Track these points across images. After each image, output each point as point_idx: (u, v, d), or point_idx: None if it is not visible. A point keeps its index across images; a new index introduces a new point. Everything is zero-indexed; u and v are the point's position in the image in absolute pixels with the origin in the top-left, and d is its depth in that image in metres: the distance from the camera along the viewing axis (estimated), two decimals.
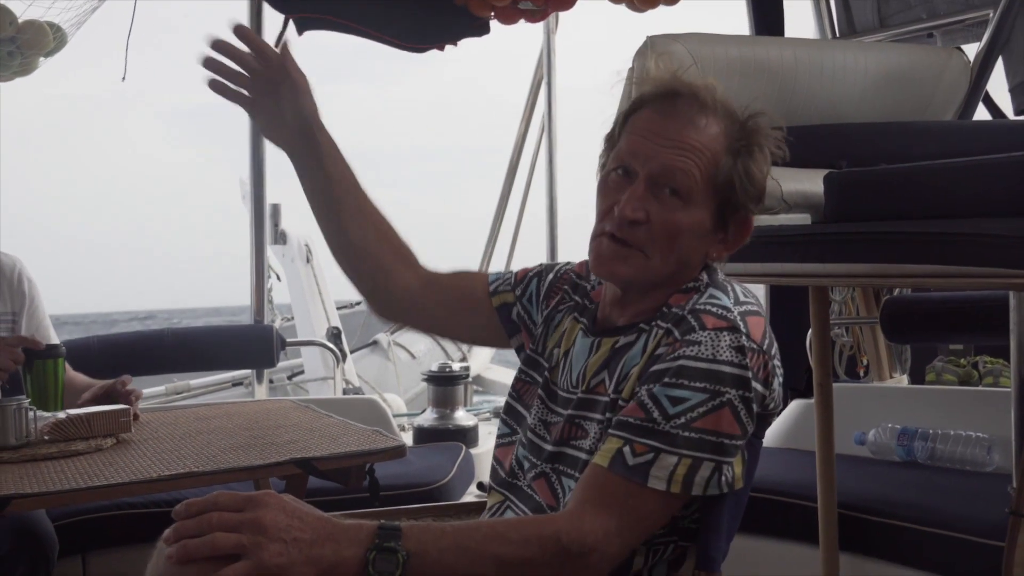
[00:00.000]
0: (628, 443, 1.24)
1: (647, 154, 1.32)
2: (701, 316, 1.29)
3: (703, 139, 1.32)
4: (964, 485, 2.45)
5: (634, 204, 1.31)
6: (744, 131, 1.35)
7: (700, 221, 1.34)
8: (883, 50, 2.58)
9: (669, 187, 1.32)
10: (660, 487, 1.22)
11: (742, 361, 1.25)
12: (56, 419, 2.04)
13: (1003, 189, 1.58)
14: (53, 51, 3.10)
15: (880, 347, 3.43)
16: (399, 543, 1.12)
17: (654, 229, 1.32)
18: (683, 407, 1.23)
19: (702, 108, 1.33)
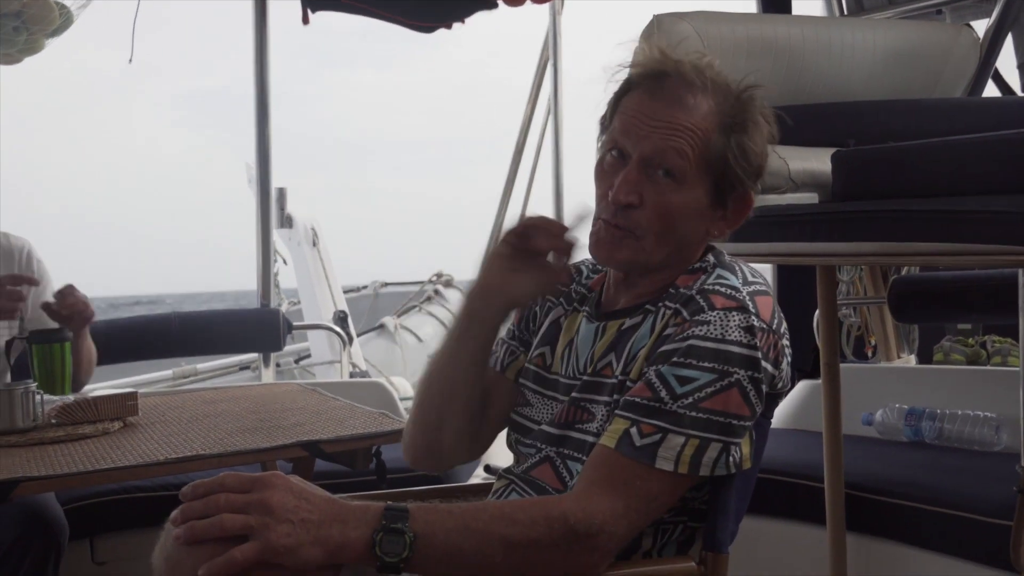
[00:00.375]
0: (635, 423, 1.23)
1: (638, 135, 1.31)
2: (710, 296, 1.28)
3: (693, 118, 1.30)
4: (972, 465, 2.44)
5: (627, 188, 1.30)
6: (737, 106, 1.33)
7: (696, 200, 1.33)
8: (892, 27, 2.56)
9: (662, 168, 1.30)
10: (668, 467, 1.22)
11: (751, 341, 1.24)
12: (63, 403, 2.05)
13: (1012, 166, 1.57)
14: (59, 30, 3.09)
15: (888, 327, 3.41)
16: (406, 524, 1.12)
17: (649, 212, 1.31)
18: (691, 387, 1.22)
19: (690, 86, 1.31)
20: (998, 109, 2.29)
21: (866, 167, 1.81)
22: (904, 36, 2.42)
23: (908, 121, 2.16)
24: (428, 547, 1.12)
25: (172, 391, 3.63)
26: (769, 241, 1.92)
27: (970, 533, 2.09)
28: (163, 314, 3.76)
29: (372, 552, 1.11)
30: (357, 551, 1.11)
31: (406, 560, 1.11)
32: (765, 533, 2.46)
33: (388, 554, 1.11)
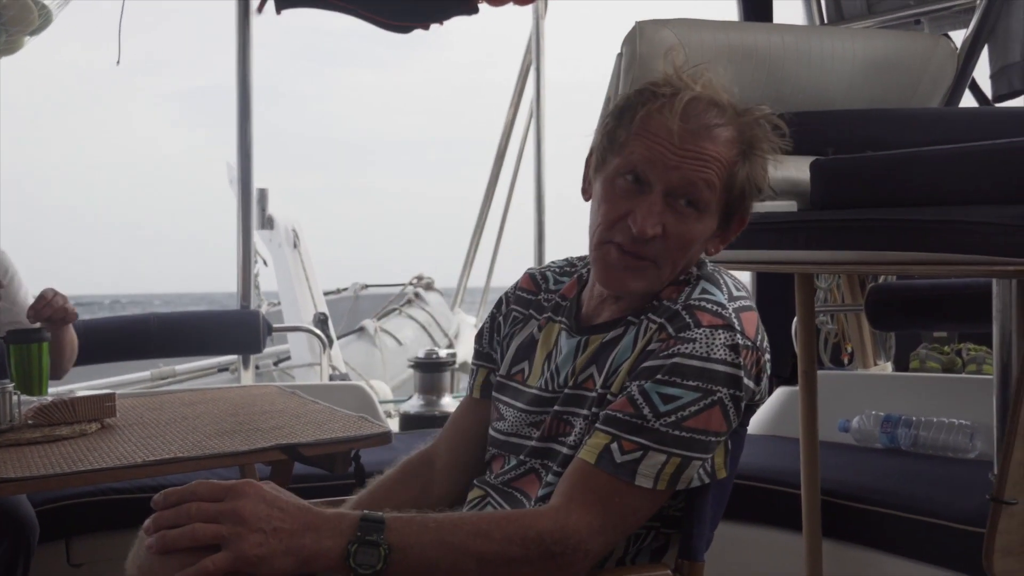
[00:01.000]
0: (616, 439, 1.22)
1: (666, 164, 1.26)
2: (696, 313, 1.27)
3: (720, 148, 1.27)
4: (946, 472, 2.46)
5: (653, 221, 1.26)
6: (753, 132, 1.31)
7: (710, 228, 1.32)
8: (870, 37, 2.58)
9: (686, 198, 1.28)
10: (647, 485, 1.21)
11: (736, 360, 1.24)
12: (40, 404, 2.04)
13: (987, 177, 1.59)
14: (38, 29, 3.08)
15: (865, 334, 3.44)
16: (381, 536, 1.11)
17: (669, 242, 1.29)
18: (675, 405, 1.22)
19: (720, 114, 1.28)
20: (975, 120, 2.31)
21: (844, 176, 1.83)
22: (883, 46, 2.44)
23: (887, 130, 2.17)
24: (403, 560, 1.12)
25: (150, 392, 3.62)
26: (748, 249, 1.93)
27: (944, 540, 2.11)
28: (142, 315, 3.74)
29: (346, 563, 1.10)
30: (330, 561, 1.11)
31: (380, 572, 1.11)
32: (742, 539, 2.47)
33: (362, 566, 1.10)
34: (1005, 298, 1.63)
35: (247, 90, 3.82)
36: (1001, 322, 1.65)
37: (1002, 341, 1.65)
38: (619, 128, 1.31)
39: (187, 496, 1.12)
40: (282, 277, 5.75)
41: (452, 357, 4.12)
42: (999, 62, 2.72)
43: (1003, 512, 1.45)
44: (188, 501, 1.12)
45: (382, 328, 7.08)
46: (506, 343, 1.51)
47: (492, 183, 6.34)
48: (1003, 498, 1.44)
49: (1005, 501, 1.44)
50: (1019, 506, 1.45)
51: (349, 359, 6.11)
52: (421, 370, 4.00)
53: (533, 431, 1.40)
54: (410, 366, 4.17)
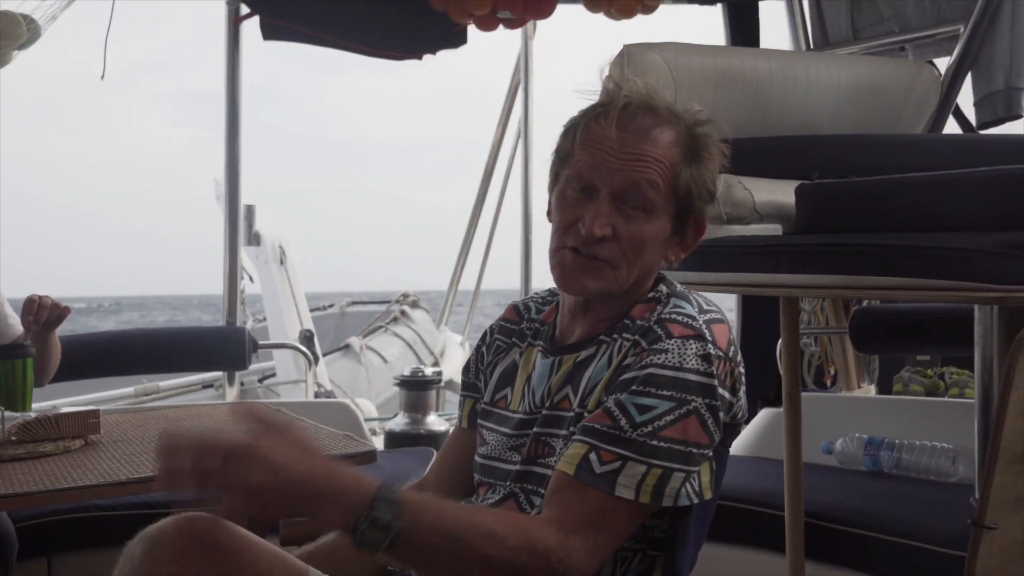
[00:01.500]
0: (594, 449, 1.23)
1: (608, 168, 1.32)
2: (667, 325, 1.30)
3: (660, 149, 1.32)
4: (929, 495, 2.47)
5: (601, 222, 1.31)
6: (695, 135, 1.36)
7: (662, 229, 1.35)
8: (856, 63, 2.60)
9: (632, 201, 1.32)
10: (628, 496, 1.22)
11: (708, 369, 1.26)
12: (24, 420, 2.03)
13: (971, 203, 1.60)
14: (26, 44, 3.08)
15: (848, 357, 3.45)
16: (394, 518, 1.09)
17: (622, 244, 1.33)
18: (650, 415, 1.23)
19: (656, 117, 1.33)
20: (959, 146, 2.33)
21: (829, 201, 1.85)
22: (868, 72, 2.47)
23: (871, 156, 2.20)
24: (408, 544, 1.10)
25: (134, 409, 3.60)
26: (733, 272, 1.95)
27: (926, 563, 2.12)
28: (127, 330, 3.72)
29: (352, 536, 1.09)
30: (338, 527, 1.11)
31: (385, 549, 1.10)
32: (725, 560, 2.47)
33: (367, 542, 1.09)
34: (986, 324, 1.65)
35: (235, 109, 3.82)
36: (982, 347, 1.66)
37: (983, 366, 1.66)
38: (566, 143, 1.38)
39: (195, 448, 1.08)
40: (268, 293, 5.74)
41: (438, 375, 4.12)
42: (983, 89, 2.75)
43: (984, 536, 1.45)
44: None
45: (367, 345, 7.06)
46: (489, 371, 1.53)
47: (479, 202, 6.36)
48: (984, 523, 1.45)
49: (986, 526, 1.45)
50: (1000, 531, 1.46)
51: (334, 376, 6.09)
52: (407, 388, 4.00)
53: (514, 455, 1.41)
54: (395, 384, 4.16)
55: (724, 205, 2.02)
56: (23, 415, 2.07)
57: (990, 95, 2.74)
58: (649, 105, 1.34)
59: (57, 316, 2.35)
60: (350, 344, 7.03)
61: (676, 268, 1.46)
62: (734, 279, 1.96)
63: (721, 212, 2.03)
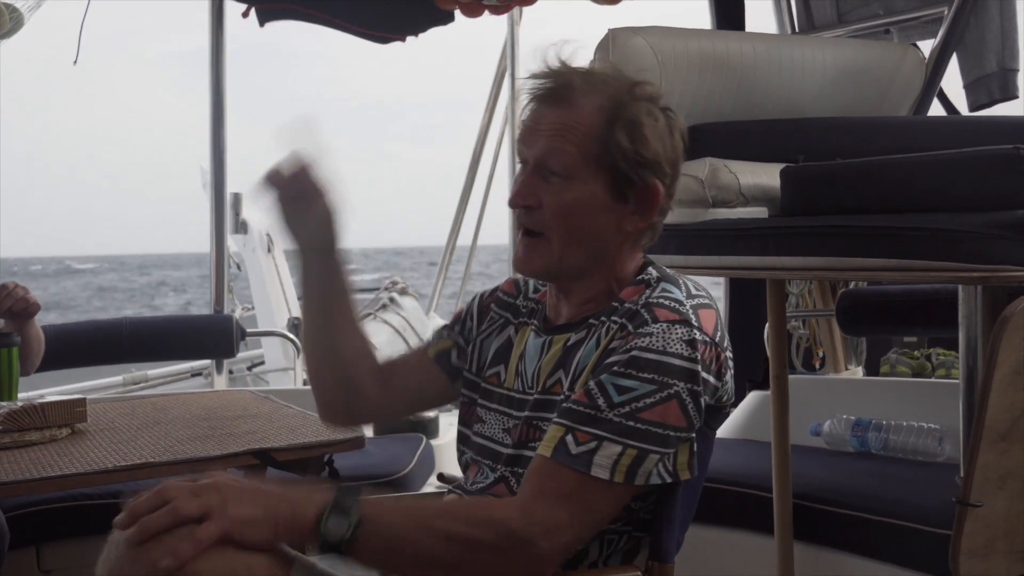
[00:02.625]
0: (570, 431, 1.24)
1: (531, 142, 1.38)
2: (654, 309, 1.30)
3: (576, 116, 1.35)
4: (916, 475, 2.49)
5: (521, 191, 1.37)
6: (627, 101, 1.36)
7: (591, 195, 1.35)
8: (841, 46, 2.61)
9: (550, 169, 1.35)
10: (603, 476, 1.23)
11: (692, 354, 1.26)
12: (10, 409, 2.02)
13: (955, 185, 1.61)
14: (8, 32, 3.06)
15: (836, 339, 3.47)
16: (354, 505, 1.15)
17: (548, 212, 1.36)
18: (629, 396, 1.24)
19: (573, 88, 1.36)
20: (942, 129, 2.34)
21: (814, 183, 1.85)
22: (853, 55, 2.47)
23: (856, 138, 2.21)
24: (371, 532, 1.15)
25: (122, 397, 3.59)
26: (720, 255, 1.96)
27: (913, 542, 2.13)
28: (114, 319, 3.72)
29: (318, 529, 1.14)
30: (304, 527, 1.15)
31: (348, 542, 1.14)
32: (714, 542, 2.49)
33: (331, 533, 1.14)
34: (970, 304, 1.66)
35: (220, 97, 3.81)
36: (967, 328, 1.67)
37: (967, 346, 1.67)
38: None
39: (155, 499, 1.13)
40: (256, 281, 5.73)
41: None
42: (974, 72, 2.75)
43: (969, 514, 1.47)
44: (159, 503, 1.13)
45: None
46: (481, 341, 1.53)
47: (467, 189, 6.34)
48: (969, 501, 1.46)
49: (971, 504, 1.46)
50: (984, 508, 1.47)
51: None
52: None
53: (507, 437, 1.42)
54: None
55: (710, 188, 2.03)
56: (9, 404, 2.07)
57: (984, 77, 2.74)
58: (567, 80, 1.37)
59: (23, 309, 2.32)
60: None
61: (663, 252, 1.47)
62: (721, 262, 1.97)
63: (707, 195, 2.03)
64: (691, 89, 2.23)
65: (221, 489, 1.14)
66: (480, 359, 1.53)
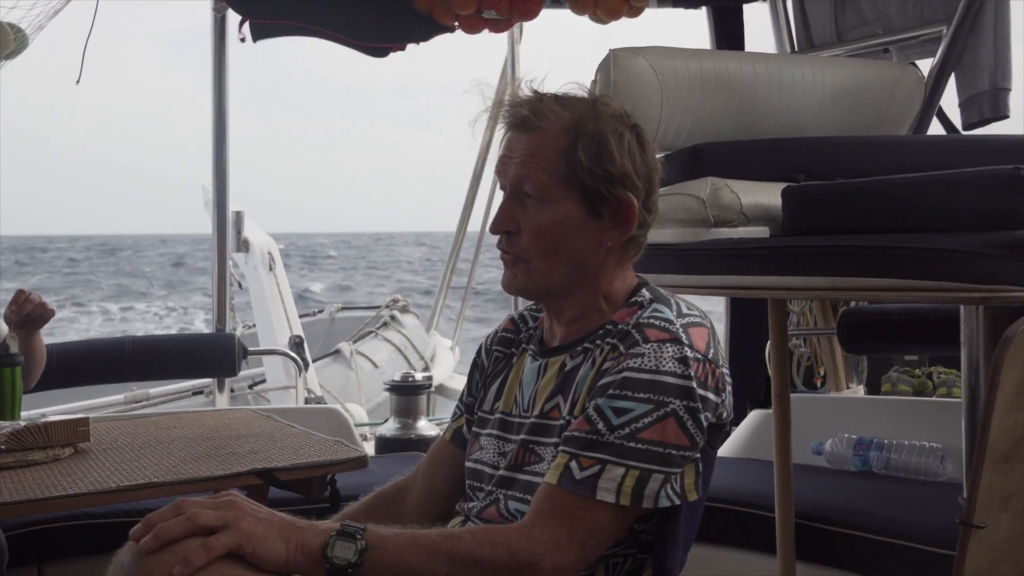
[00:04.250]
0: (574, 457, 1.26)
1: (504, 170, 1.42)
2: (644, 330, 1.32)
3: (542, 140, 1.38)
4: (918, 495, 2.48)
5: (500, 217, 1.41)
6: (588, 119, 1.39)
7: (566, 214, 1.38)
8: (840, 65, 2.62)
9: (525, 192, 1.39)
10: (609, 499, 1.23)
11: (685, 372, 1.27)
12: (13, 428, 2.02)
13: (955, 204, 1.62)
14: (13, 53, 3.07)
15: (837, 358, 3.47)
16: (360, 533, 1.18)
17: (526, 235, 1.39)
18: (627, 418, 1.25)
19: (539, 115, 1.39)
20: (942, 148, 2.35)
21: (815, 203, 1.86)
22: (852, 74, 2.48)
23: (857, 157, 2.21)
24: (378, 556, 1.17)
25: (124, 416, 3.59)
26: (721, 274, 1.96)
27: (915, 563, 2.13)
28: (116, 337, 3.72)
29: (324, 554, 1.16)
30: (312, 554, 1.16)
31: (355, 566, 1.16)
32: (716, 562, 2.48)
33: (338, 557, 1.16)
34: (972, 324, 1.66)
35: (223, 114, 3.82)
36: (969, 347, 1.67)
37: (970, 366, 1.67)
38: None
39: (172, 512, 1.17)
40: (257, 300, 5.72)
41: (428, 380, 4.11)
42: (968, 91, 2.76)
43: (972, 536, 1.47)
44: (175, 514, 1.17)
45: (358, 351, 7.04)
46: (488, 382, 1.55)
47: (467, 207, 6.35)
48: (972, 522, 1.46)
49: (974, 525, 1.46)
50: (988, 530, 1.47)
51: (325, 382, 6.07)
52: (397, 393, 3.99)
53: (501, 460, 1.43)
54: (386, 389, 4.15)
55: (711, 208, 2.03)
56: (12, 424, 2.07)
57: (976, 96, 2.76)
58: (532, 106, 1.40)
59: (40, 315, 2.36)
60: (340, 349, 7.00)
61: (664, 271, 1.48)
62: (722, 281, 1.97)
63: (708, 215, 2.04)
64: (692, 109, 2.24)
65: (238, 505, 1.17)
66: (486, 395, 1.54)
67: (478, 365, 1.60)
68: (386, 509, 1.56)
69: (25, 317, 2.34)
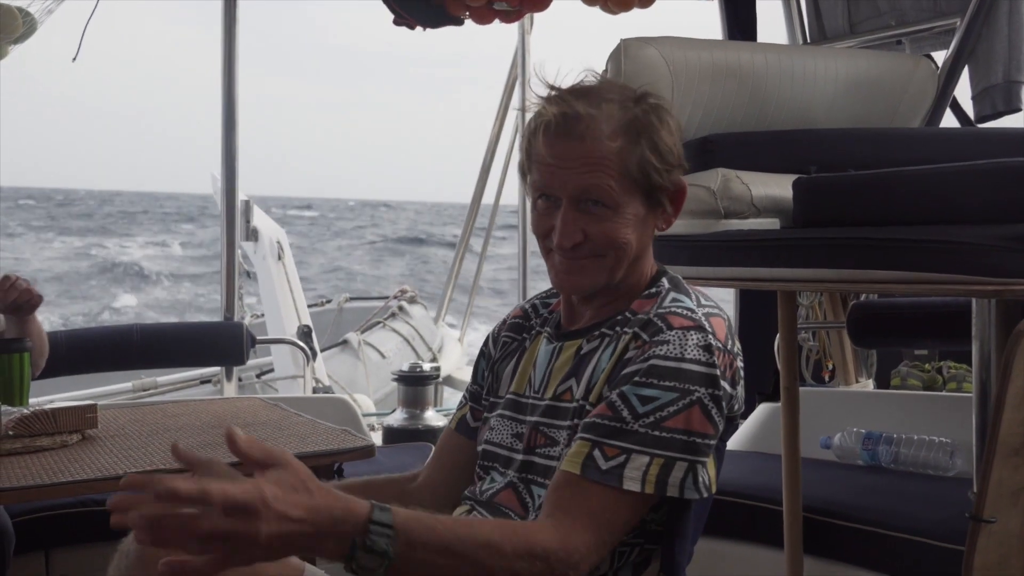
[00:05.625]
0: (597, 446, 1.24)
1: (560, 181, 1.34)
2: (668, 317, 1.31)
3: (602, 145, 1.32)
4: (927, 489, 2.47)
5: (568, 231, 1.34)
6: (637, 112, 1.35)
7: (635, 214, 1.36)
8: (853, 56, 2.60)
9: (592, 200, 1.34)
10: (635, 488, 1.22)
11: (710, 360, 1.27)
12: (21, 414, 2.03)
13: (968, 197, 1.60)
14: (22, 37, 3.07)
15: (846, 351, 3.46)
16: (388, 542, 1.07)
17: (597, 242, 1.35)
18: (653, 406, 1.24)
19: (590, 115, 1.33)
20: (955, 140, 2.34)
21: (826, 194, 1.85)
22: (865, 65, 2.47)
23: (869, 149, 2.20)
24: (405, 566, 1.09)
25: (132, 404, 3.60)
26: (731, 266, 1.95)
27: (924, 557, 2.12)
28: (124, 325, 3.72)
29: (347, 565, 1.08)
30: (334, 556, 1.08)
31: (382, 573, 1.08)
32: (723, 555, 2.48)
33: (363, 570, 1.07)
34: (984, 317, 1.65)
35: (232, 102, 3.82)
36: (980, 341, 1.66)
37: (981, 360, 1.66)
38: (524, 159, 1.42)
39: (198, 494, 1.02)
40: (266, 289, 5.73)
41: (436, 370, 4.11)
42: (981, 83, 2.75)
43: (982, 530, 1.46)
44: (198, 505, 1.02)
45: (366, 341, 7.05)
46: (497, 368, 1.54)
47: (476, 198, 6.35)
48: (982, 516, 1.45)
49: (984, 519, 1.45)
50: (998, 524, 1.46)
51: (332, 372, 6.09)
52: (405, 383, 3.99)
53: (516, 443, 1.43)
54: (394, 379, 4.16)
55: (722, 200, 2.02)
56: (20, 409, 2.07)
57: (988, 89, 2.74)
58: (581, 104, 1.34)
59: (27, 301, 2.30)
60: (348, 340, 7.02)
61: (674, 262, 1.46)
62: (732, 273, 1.96)
63: (719, 206, 2.03)
64: (703, 100, 2.23)
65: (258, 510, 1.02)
66: (495, 382, 1.53)
67: (485, 354, 1.59)
68: (391, 488, 1.53)
69: (12, 303, 2.29)
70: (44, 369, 2.50)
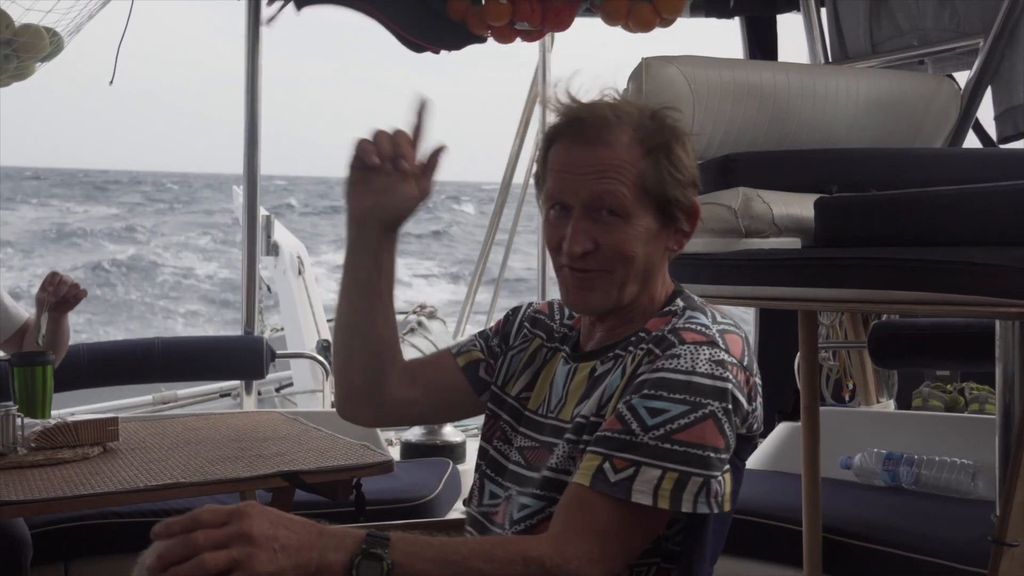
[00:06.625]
0: (607, 459, 1.23)
1: (573, 188, 1.35)
2: (681, 333, 1.30)
3: (618, 154, 1.33)
4: (948, 511, 2.46)
5: (578, 238, 1.34)
6: (654, 128, 1.35)
7: (646, 228, 1.35)
8: (875, 76, 2.60)
9: (605, 209, 1.34)
10: (645, 502, 1.21)
11: (722, 374, 1.26)
12: (44, 427, 2.04)
13: (991, 218, 1.60)
14: (49, 56, 3.11)
15: (867, 371, 3.43)
16: (385, 551, 1.12)
17: (606, 252, 1.35)
18: (662, 418, 1.23)
19: (607, 125, 1.34)
20: (978, 161, 2.32)
21: (848, 214, 1.84)
22: (887, 85, 2.46)
23: (891, 170, 2.19)
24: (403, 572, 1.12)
25: (152, 417, 3.62)
26: (752, 285, 1.94)
27: None
28: (146, 339, 3.74)
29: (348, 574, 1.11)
30: (335, 574, 1.12)
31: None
32: (743, 575, 2.46)
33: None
34: (1008, 339, 1.64)
35: (255, 115, 3.84)
36: (1004, 363, 1.65)
37: (1005, 382, 1.65)
38: (539, 169, 1.42)
39: (190, 524, 1.10)
40: (286, 303, 5.75)
41: None
42: (1003, 104, 2.73)
43: (1005, 554, 1.44)
44: (192, 529, 1.10)
45: None
46: (511, 356, 1.54)
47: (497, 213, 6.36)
48: (1005, 540, 1.44)
49: (1007, 543, 1.44)
50: (1020, 548, 1.44)
51: None
52: None
53: (522, 458, 1.44)
54: None
55: (743, 218, 2.02)
56: (43, 422, 2.09)
57: (1010, 109, 2.73)
58: (599, 114, 1.35)
59: (74, 296, 2.41)
60: None
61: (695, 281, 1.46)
62: (753, 292, 1.96)
63: (740, 225, 2.02)
64: (724, 119, 2.23)
65: (250, 534, 1.08)
66: (507, 373, 1.53)
67: (501, 331, 1.58)
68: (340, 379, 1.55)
69: (60, 299, 2.38)
70: (66, 382, 2.54)
